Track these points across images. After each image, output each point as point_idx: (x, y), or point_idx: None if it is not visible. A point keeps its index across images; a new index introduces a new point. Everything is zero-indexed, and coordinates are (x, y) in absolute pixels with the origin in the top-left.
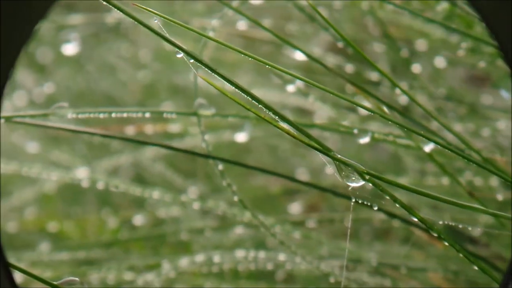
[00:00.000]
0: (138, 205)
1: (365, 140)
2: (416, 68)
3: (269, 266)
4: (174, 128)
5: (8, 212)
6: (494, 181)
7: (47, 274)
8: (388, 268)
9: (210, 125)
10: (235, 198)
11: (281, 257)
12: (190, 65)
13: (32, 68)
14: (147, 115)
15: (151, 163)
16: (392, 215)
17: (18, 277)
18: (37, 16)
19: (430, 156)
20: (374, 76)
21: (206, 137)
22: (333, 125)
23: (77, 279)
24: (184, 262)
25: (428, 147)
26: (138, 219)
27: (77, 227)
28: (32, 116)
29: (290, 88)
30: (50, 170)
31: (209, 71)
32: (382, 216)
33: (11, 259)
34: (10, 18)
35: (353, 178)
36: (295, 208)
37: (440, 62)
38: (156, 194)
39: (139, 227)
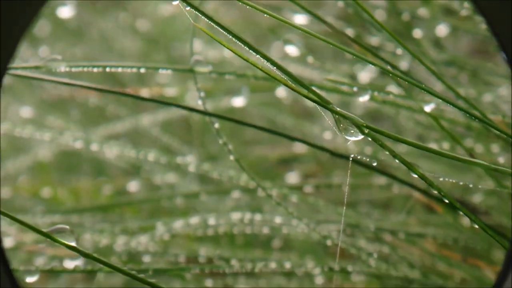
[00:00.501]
0: (133, 174)
1: (364, 98)
2: (417, 33)
3: (265, 230)
4: (171, 92)
5: (1, 179)
6: (495, 147)
7: (40, 237)
8: (386, 234)
9: (207, 91)
10: (231, 157)
11: (278, 220)
12: (187, 13)
13: (29, 42)
14: (142, 70)
15: (147, 130)
16: (390, 176)
17: (8, 240)
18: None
19: (431, 116)
20: (374, 41)
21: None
22: (332, 84)
23: (67, 227)
24: (178, 224)
25: (429, 107)
26: (133, 186)
27: (71, 194)
28: (24, 68)
29: (290, 49)
30: (44, 134)
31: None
32: (381, 181)
33: (4, 222)
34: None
35: (352, 131)
36: (292, 178)
37: (442, 30)
38: (151, 156)
39: (134, 193)
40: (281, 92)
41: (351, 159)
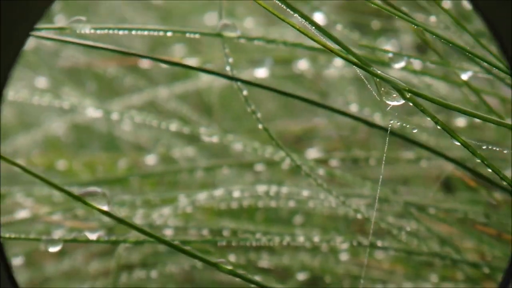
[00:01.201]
0: (150, 148)
1: (400, 64)
2: (446, 4)
3: (291, 204)
4: (191, 62)
5: (13, 155)
6: None
7: (57, 208)
8: (414, 210)
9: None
10: (260, 126)
11: (305, 193)
12: None
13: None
14: (169, 34)
15: (164, 103)
16: (426, 147)
17: (24, 212)
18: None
19: (467, 85)
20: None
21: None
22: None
23: (99, 190)
24: (202, 196)
25: (466, 75)
26: (150, 159)
27: (86, 167)
28: (48, 29)
29: (318, 16)
30: (59, 105)
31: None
32: (408, 155)
33: (20, 193)
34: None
35: (394, 95)
36: (313, 153)
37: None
38: (170, 128)
39: (152, 167)
40: (303, 64)
41: (390, 125)
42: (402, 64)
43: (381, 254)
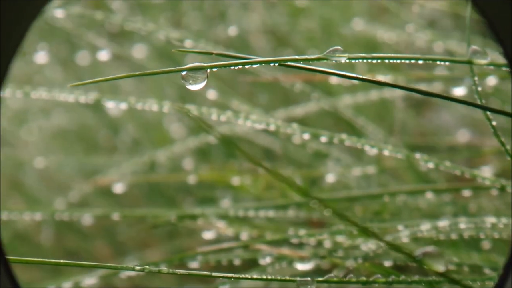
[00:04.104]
0: (324, 163)
1: None
2: None
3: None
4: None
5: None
6: None
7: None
8: None
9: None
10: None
11: None
12: None
13: None
14: (414, 61)
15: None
16: None
17: (210, 234)
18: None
19: None
20: None
21: None
22: None
23: (435, 249)
24: (425, 227)
25: None
26: (330, 178)
27: (256, 182)
28: (296, 60)
29: None
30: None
31: None
32: None
33: (215, 215)
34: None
35: None
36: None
37: None
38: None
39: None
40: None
41: None
42: None
43: None
